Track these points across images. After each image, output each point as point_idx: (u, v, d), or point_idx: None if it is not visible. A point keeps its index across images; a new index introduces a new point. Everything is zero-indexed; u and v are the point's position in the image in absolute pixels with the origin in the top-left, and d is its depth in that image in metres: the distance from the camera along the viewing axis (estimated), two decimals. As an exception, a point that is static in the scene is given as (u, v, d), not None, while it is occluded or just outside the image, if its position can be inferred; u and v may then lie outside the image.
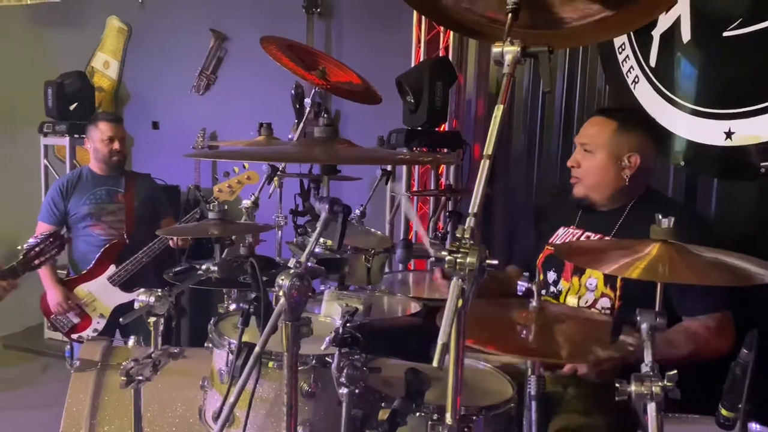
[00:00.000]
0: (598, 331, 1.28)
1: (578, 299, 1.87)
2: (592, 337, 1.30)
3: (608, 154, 1.89)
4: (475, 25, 1.39)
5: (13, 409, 4.07)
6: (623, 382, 1.06)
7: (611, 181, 1.90)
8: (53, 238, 2.14)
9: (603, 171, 1.90)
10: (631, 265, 1.14)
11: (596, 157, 1.91)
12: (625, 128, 1.90)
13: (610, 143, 1.89)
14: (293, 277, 1.20)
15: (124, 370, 1.36)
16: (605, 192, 1.92)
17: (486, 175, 0.92)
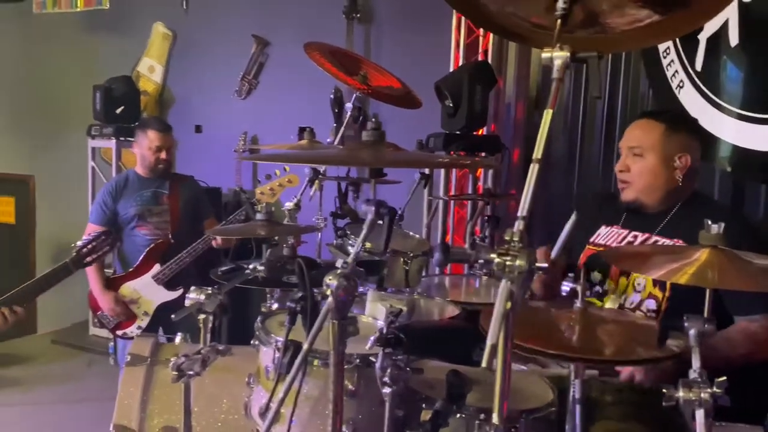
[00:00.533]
0: (642, 334, 1.28)
1: (624, 300, 1.86)
2: (635, 339, 1.29)
3: (659, 155, 1.88)
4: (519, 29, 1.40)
5: (60, 403, 4.22)
6: (670, 388, 1.06)
7: (664, 183, 1.89)
8: (105, 236, 2.21)
9: (655, 173, 1.89)
10: (680, 270, 1.13)
11: (647, 159, 1.90)
12: (673, 129, 1.89)
13: (660, 145, 1.88)
14: (340, 277, 1.23)
15: (175, 365, 1.40)
16: (658, 194, 1.91)
17: (535, 179, 0.93)
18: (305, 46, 2.59)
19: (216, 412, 1.80)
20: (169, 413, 1.77)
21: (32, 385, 4.41)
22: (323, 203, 3.06)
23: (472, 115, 3.46)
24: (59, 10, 5.79)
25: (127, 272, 3.21)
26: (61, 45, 5.80)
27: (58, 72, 5.82)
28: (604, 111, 3.09)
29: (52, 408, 4.13)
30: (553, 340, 1.29)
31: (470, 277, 3.08)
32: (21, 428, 3.80)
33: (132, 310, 3.18)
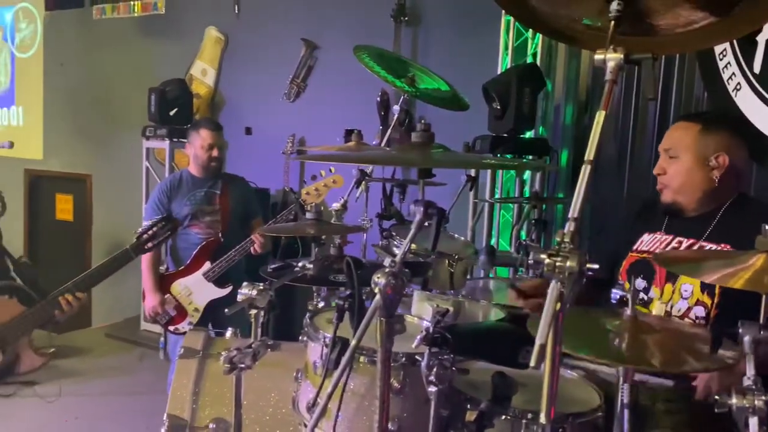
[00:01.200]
0: (693, 342, 1.26)
1: (670, 307, 1.82)
2: (686, 347, 1.27)
3: (694, 156, 1.84)
4: (570, 31, 1.39)
5: (112, 395, 4.37)
6: (723, 395, 1.04)
7: (700, 183, 1.84)
8: (165, 221, 2.29)
9: (689, 174, 1.85)
10: (735, 275, 1.11)
11: (681, 161, 1.86)
12: (709, 129, 1.85)
13: (694, 145, 1.84)
14: (389, 276, 1.25)
15: (227, 358, 1.45)
16: (694, 195, 1.87)
17: (588, 181, 0.93)
18: (354, 49, 2.63)
19: (264, 405, 1.85)
20: (219, 405, 1.83)
21: (87, 377, 4.58)
22: (369, 204, 3.09)
23: (519, 117, 3.44)
24: (117, 16, 6.00)
25: (178, 270, 3.30)
26: (118, 49, 6.01)
27: (116, 75, 6.04)
28: (657, 114, 3.03)
29: (105, 399, 4.29)
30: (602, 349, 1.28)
31: (515, 281, 3.06)
32: (77, 418, 3.96)
33: (183, 304, 3.28)
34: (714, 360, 1.17)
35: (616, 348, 1.26)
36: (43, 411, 3.93)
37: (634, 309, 1.32)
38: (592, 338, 1.29)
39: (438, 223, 1.29)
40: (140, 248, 2.23)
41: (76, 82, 6.30)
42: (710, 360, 1.19)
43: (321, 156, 1.91)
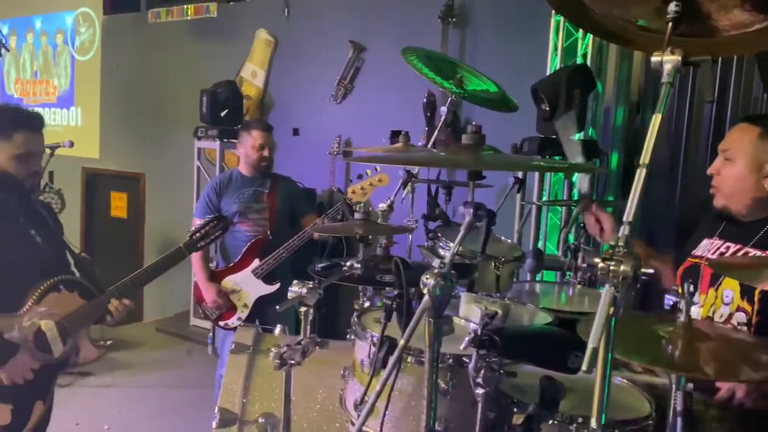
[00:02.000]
0: (749, 351, 1.22)
1: (712, 313, 1.77)
2: (742, 356, 1.24)
3: (748, 161, 1.78)
4: (624, 32, 1.38)
5: (162, 387, 4.50)
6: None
7: (748, 190, 1.79)
8: (216, 221, 2.35)
9: (741, 179, 1.79)
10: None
11: (736, 164, 1.80)
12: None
13: (750, 150, 1.78)
14: (438, 277, 1.25)
15: (277, 354, 1.48)
16: (743, 201, 1.81)
17: (642, 185, 0.92)
18: (402, 51, 2.64)
19: (311, 402, 1.88)
20: (268, 400, 1.87)
21: (139, 369, 4.73)
22: (414, 205, 3.10)
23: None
24: (171, 19, 6.18)
25: (228, 266, 3.38)
26: (172, 52, 6.19)
27: (169, 77, 6.22)
28: (713, 116, 2.95)
29: (156, 391, 4.42)
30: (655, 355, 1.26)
31: (563, 285, 3.02)
32: (129, 409, 4.09)
33: (233, 302, 3.35)
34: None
35: (669, 354, 1.24)
36: (98, 401, 4.09)
37: (688, 315, 1.29)
38: (644, 344, 1.27)
39: (488, 225, 1.29)
40: (193, 246, 2.30)
41: (132, 83, 6.51)
42: None
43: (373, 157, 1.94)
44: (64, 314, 2.04)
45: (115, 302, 2.08)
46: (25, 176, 2.03)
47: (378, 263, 1.96)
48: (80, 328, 2.08)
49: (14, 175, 2.00)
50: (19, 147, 2.00)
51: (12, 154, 1.99)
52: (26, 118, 2.05)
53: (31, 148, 2.04)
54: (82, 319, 2.07)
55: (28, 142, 2.02)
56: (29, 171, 2.04)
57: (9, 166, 2.00)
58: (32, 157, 2.04)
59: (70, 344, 2.05)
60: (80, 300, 2.09)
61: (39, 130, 2.07)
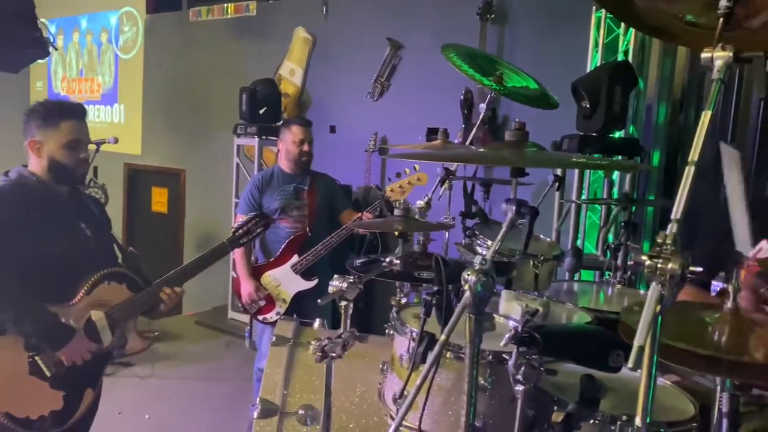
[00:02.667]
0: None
1: None
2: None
3: None
4: (670, 28, 1.36)
5: (201, 379, 4.60)
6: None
7: None
8: (259, 218, 2.41)
9: None
10: None
11: None
12: None
13: None
14: (479, 273, 1.26)
15: (319, 347, 1.51)
16: None
17: (691, 183, 0.91)
18: (442, 48, 2.64)
19: (350, 395, 1.90)
20: (308, 392, 1.90)
21: (178, 361, 4.84)
22: (452, 203, 3.10)
23: (609, 116, 3.34)
24: (212, 18, 6.29)
25: (268, 261, 3.43)
26: (212, 50, 6.30)
27: (210, 75, 6.33)
28: (760, 113, 2.87)
29: (194, 383, 4.52)
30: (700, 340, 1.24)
31: (602, 284, 2.99)
32: (169, 399, 4.20)
33: (272, 295, 3.41)
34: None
35: (715, 340, 1.22)
36: (139, 391, 4.20)
37: (735, 303, 1.27)
38: (689, 330, 1.24)
39: (531, 222, 1.29)
40: (236, 242, 2.36)
41: (173, 81, 6.65)
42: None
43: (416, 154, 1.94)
44: (113, 305, 2.11)
45: (168, 290, 2.16)
46: (74, 165, 2.11)
47: (416, 260, 1.97)
48: (128, 319, 2.15)
49: (64, 163, 2.08)
50: (66, 135, 2.08)
51: (61, 143, 2.07)
52: (71, 107, 2.14)
53: (78, 135, 2.12)
54: (130, 311, 2.14)
55: (74, 129, 2.10)
56: (78, 158, 2.11)
57: (59, 155, 2.08)
58: (80, 145, 2.12)
59: (118, 334, 2.12)
60: (128, 292, 2.16)
61: (83, 119, 2.15)
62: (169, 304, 2.16)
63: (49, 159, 2.08)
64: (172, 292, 2.17)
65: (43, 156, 2.09)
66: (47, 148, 2.08)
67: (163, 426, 3.81)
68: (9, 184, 2.07)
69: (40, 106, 2.12)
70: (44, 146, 2.08)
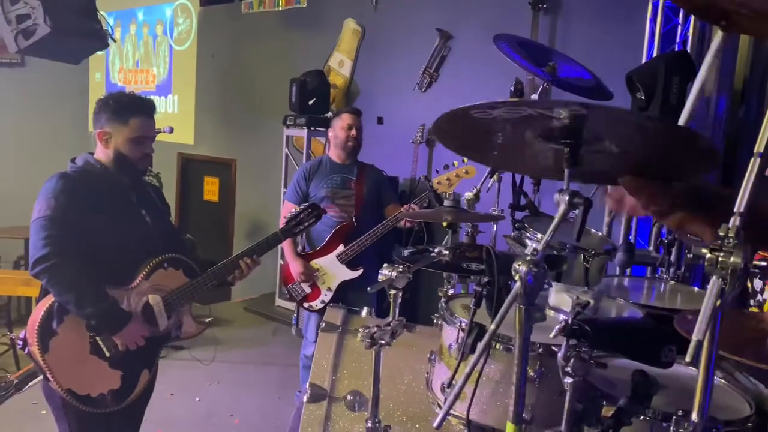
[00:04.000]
0: None
1: None
2: None
3: None
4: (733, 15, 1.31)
5: (249, 364, 4.71)
6: None
7: None
8: (311, 209, 2.46)
9: None
10: None
11: None
12: None
13: None
14: (530, 264, 1.25)
15: (368, 334, 1.53)
16: None
17: (756, 174, 0.89)
18: (494, 38, 2.62)
19: (398, 383, 1.92)
20: (357, 379, 1.93)
21: (227, 346, 4.97)
22: (500, 195, 3.07)
23: (666, 108, 3.25)
24: (263, 10, 6.37)
25: (315, 250, 3.48)
26: (263, 41, 6.39)
27: (261, 66, 6.42)
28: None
29: (242, 367, 4.64)
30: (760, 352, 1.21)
31: (654, 280, 2.92)
32: (219, 382, 4.31)
33: (317, 283, 3.46)
34: None
35: None
36: (189, 373, 4.33)
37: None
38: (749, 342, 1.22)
39: (584, 214, 1.27)
40: (289, 232, 2.42)
41: (225, 72, 6.78)
42: None
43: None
44: (170, 290, 2.18)
45: (247, 260, 2.23)
46: (138, 159, 2.19)
47: (464, 251, 1.97)
48: (184, 304, 2.22)
49: (129, 156, 2.16)
50: (134, 131, 2.16)
51: (127, 138, 2.15)
52: (141, 104, 2.21)
53: (145, 132, 2.19)
54: (186, 296, 2.21)
55: (142, 126, 2.18)
56: (142, 153, 2.19)
57: (124, 149, 2.16)
58: (145, 141, 2.20)
59: (174, 319, 2.20)
60: (184, 278, 2.23)
61: (152, 116, 2.22)
62: (246, 273, 2.23)
63: (116, 151, 2.17)
64: (252, 262, 2.24)
65: (110, 147, 2.17)
66: (115, 140, 2.16)
67: (212, 408, 3.93)
68: (76, 171, 2.16)
69: (112, 99, 2.20)
70: (112, 138, 2.16)
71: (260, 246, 2.32)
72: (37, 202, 2.03)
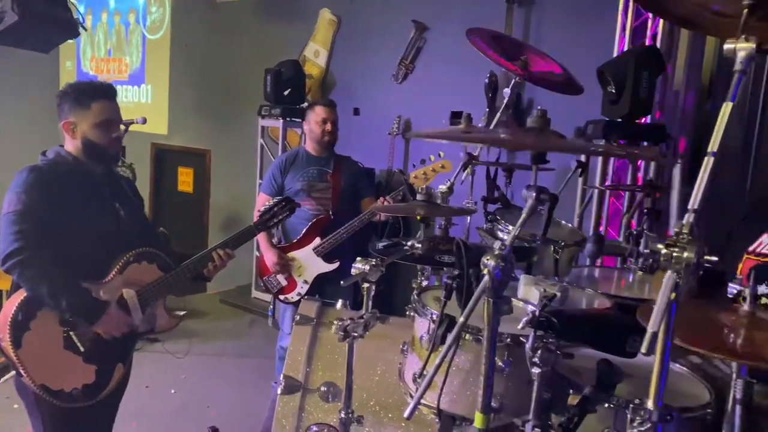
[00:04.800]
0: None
1: None
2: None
3: None
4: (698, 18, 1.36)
5: (225, 356, 4.71)
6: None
7: None
8: (285, 202, 2.47)
9: None
10: None
11: None
12: None
13: None
14: (498, 258, 1.29)
15: (341, 326, 1.55)
16: None
17: (710, 173, 0.93)
18: (467, 32, 2.64)
19: (371, 374, 1.95)
20: (331, 370, 1.95)
21: (203, 338, 4.95)
22: (474, 188, 3.11)
23: (636, 102, 3.31)
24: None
25: (291, 243, 3.49)
26: (238, 31, 6.33)
27: (235, 56, 6.37)
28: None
29: (218, 359, 4.63)
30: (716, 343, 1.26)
31: (623, 271, 2.99)
32: (194, 374, 4.31)
33: (293, 276, 3.46)
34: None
35: (731, 343, 1.24)
36: (165, 366, 4.31)
37: (753, 305, 1.29)
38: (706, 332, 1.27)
39: (550, 209, 1.31)
40: (262, 225, 2.43)
41: (199, 62, 6.71)
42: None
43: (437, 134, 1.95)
44: (144, 284, 2.18)
45: (221, 252, 2.23)
46: (108, 144, 2.18)
47: (438, 244, 2.00)
48: (158, 298, 2.22)
49: (98, 143, 2.15)
50: (98, 115, 2.14)
51: (93, 123, 2.14)
52: (101, 88, 2.20)
53: (109, 115, 2.18)
54: (160, 290, 2.21)
55: (106, 109, 2.17)
56: (110, 138, 2.18)
57: (92, 135, 2.15)
58: (112, 124, 2.19)
59: (149, 312, 2.20)
60: (159, 272, 2.23)
61: (114, 99, 2.22)
62: (220, 265, 2.24)
63: (84, 139, 2.15)
64: (224, 254, 2.24)
65: (78, 136, 2.15)
66: (81, 128, 2.15)
67: (188, 401, 3.92)
68: (47, 164, 2.14)
69: (71, 88, 2.19)
70: (78, 127, 2.15)
71: (234, 239, 2.33)
72: (7, 196, 2.01)
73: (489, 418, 1.32)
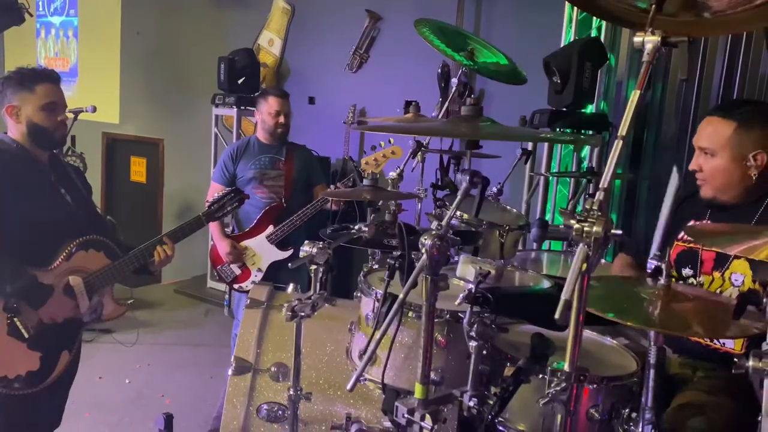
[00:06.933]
0: (725, 312, 1.32)
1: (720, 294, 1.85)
2: (717, 317, 1.34)
3: (730, 155, 1.80)
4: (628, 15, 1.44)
5: (181, 345, 4.70)
6: (742, 357, 1.11)
7: (739, 181, 1.82)
8: (234, 194, 2.50)
9: (727, 173, 1.82)
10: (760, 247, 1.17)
11: (717, 159, 1.82)
12: (745, 127, 1.79)
13: (730, 144, 1.79)
14: (435, 238, 1.36)
15: (289, 307, 1.61)
16: (734, 191, 1.84)
17: (617, 156, 1.01)
18: (415, 23, 2.71)
19: (321, 353, 2.01)
20: (280, 351, 2.01)
21: (158, 328, 4.93)
22: (424, 175, 3.19)
23: (579, 92, 3.44)
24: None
25: (243, 231, 3.51)
26: (191, 19, 6.24)
27: (188, 44, 6.29)
28: (720, 93, 2.99)
29: (174, 349, 4.62)
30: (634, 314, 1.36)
31: (568, 254, 3.12)
32: (149, 364, 4.29)
33: (247, 264, 3.49)
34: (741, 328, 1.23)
35: (649, 314, 1.35)
36: (119, 356, 4.29)
37: (669, 279, 1.39)
38: (625, 304, 1.37)
39: (482, 191, 1.39)
40: (211, 216, 2.47)
41: (151, 50, 6.59)
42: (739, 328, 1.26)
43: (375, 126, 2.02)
44: (91, 272, 2.18)
45: (159, 248, 2.25)
46: (53, 127, 2.17)
47: (386, 228, 2.07)
48: (105, 286, 2.23)
49: (43, 126, 2.14)
50: (43, 98, 2.14)
51: (37, 106, 2.13)
52: (44, 72, 2.19)
53: (54, 97, 2.18)
54: (107, 278, 2.22)
55: (50, 92, 2.16)
56: (56, 121, 2.17)
57: (37, 118, 2.14)
58: (57, 107, 2.18)
59: (95, 300, 2.20)
60: (106, 260, 2.23)
61: (57, 83, 2.21)
62: (163, 260, 2.25)
63: (28, 123, 2.14)
64: (163, 252, 2.26)
65: (22, 120, 2.14)
66: (25, 112, 2.13)
67: (142, 390, 3.91)
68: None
69: (14, 73, 2.17)
70: (22, 110, 2.13)
71: (182, 229, 2.35)
72: (-50, 183, 1.99)
73: (428, 389, 1.40)
